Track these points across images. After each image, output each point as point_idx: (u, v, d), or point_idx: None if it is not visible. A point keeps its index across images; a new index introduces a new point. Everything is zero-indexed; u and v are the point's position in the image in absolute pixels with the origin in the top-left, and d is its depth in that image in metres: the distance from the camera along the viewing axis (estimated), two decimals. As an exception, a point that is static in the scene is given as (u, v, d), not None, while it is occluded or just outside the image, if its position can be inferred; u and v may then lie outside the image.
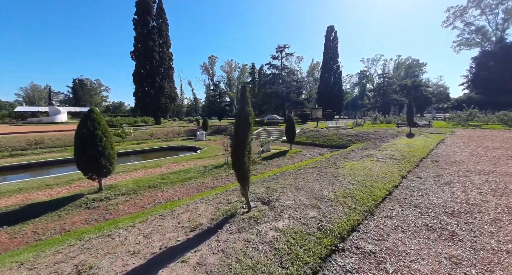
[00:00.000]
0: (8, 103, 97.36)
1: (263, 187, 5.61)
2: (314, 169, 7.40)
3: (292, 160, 13.52)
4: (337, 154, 11.58)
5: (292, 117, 16.51)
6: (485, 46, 52.63)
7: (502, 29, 50.23)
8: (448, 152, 10.64)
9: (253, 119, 3.89)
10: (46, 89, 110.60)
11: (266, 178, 7.05)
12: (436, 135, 16.52)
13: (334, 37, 61.97)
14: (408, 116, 17.12)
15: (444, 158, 9.28)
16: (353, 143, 17.78)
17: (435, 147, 12.07)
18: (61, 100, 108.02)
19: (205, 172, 10.53)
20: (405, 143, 11.83)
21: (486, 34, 51.97)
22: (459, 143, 13.33)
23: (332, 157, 10.36)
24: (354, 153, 10.50)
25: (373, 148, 11.92)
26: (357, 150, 12.35)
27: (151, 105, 36.22)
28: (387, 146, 11.19)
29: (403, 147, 10.60)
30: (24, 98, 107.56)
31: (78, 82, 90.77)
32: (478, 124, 24.48)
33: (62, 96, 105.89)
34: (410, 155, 8.96)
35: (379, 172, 6.35)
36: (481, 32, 52.17)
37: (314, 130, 22.90)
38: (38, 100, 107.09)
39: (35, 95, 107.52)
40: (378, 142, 15.07)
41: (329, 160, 9.37)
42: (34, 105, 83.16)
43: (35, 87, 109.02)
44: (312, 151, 16.96)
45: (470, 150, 11.12)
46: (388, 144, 12.40)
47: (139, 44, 35.02)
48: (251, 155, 4.01)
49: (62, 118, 48.34)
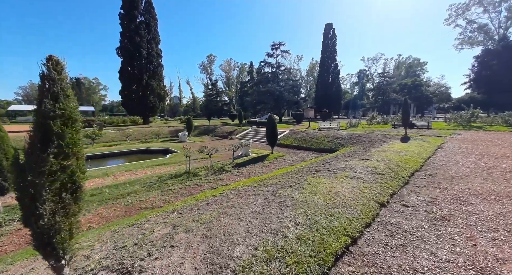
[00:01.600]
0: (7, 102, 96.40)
1: (162, 224, 3.74)
2: (269, 188, 5.53)
3: (268, 167, 11.66)
4: (316, 162, 9.70)
5: (273, 118, 14.62)
6: (487, 44, 50.57)
7: (505, 27, 48.30)
8: (448, 161, 8.71)
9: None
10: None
11: (198, 201, 5.18)
12: (435, 138, 14.57)
13: (332, 35, 59.88)
14: (403, 116, 15.15)
15: (443, 170, 7.36)
16: (342, 146, 15.87)
17: (433, 154, 10.14)
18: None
19: (155, 184, 8.70)
20: (396, 149, 9.92)
21: (488, 33, 49.99)
22: (461, 149, 11.39)
23: (306, 166, 8.47)
24: (334, 162, 8.61)
25: (359, 154, 10.01)
26: (341, 156, 10.45)
27: (138, 104, 34.43)
28: (375, 153, 9.29)
29: (393, 155, 8.70)
30: (23, 97, 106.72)
31: (75, 80, 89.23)
32: (481, 125, 22.47)
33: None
34: (399, 167, 7.06)
35: (349, 197, 4.47)
36: (484, 30, 50.14)
37: (303, 132, 20.99)
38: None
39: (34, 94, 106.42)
40: (368, 146, 13.14)
41: (300, 171, 7.49)
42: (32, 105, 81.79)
43: (34, 86, 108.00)
44: (296, 156, 15.08)
45: (474, 158, 9.18)
46: (377, 150, 10.49)
47: (125, 40, 33.21)
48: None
49: (52, 117, 46.65)
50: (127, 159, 15.45)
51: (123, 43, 33.57)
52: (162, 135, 25.62)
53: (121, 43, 33.65)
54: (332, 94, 60.46)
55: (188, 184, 8.77)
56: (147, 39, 35.08)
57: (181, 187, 8.46)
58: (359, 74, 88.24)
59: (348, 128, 23.54)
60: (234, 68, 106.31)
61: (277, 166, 11.94)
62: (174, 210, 4.67)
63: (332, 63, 60.86)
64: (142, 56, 34.06)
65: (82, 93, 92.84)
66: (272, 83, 42.99)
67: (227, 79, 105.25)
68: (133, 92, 34.25)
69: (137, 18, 34.21)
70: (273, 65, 46.03)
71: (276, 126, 14.84)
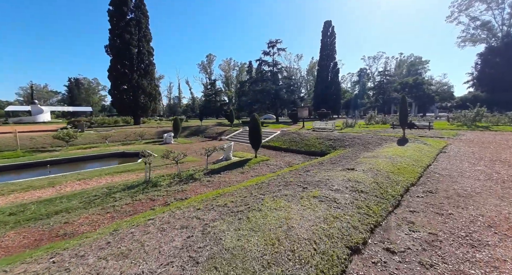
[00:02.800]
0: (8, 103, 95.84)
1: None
2: (209, 215, 4.03)
3: (245, 175, 10.14)
4: (295, 170, 8.13)
5: (256, 118, 13.09)
6: (491, 42, 48.82)
7: (508, 24, 46.66)
8: (452, 170, 7.13)
9: None
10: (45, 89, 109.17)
11: (100, 235, 3.67)
12: (437, 140, 12.96)
13: (331, 33, 58.09)
14: (401, 116, 13.53)
15: (446, 183, 5.80)
16: (333, 149, 14.30)
17: (434, 160, 8.55)
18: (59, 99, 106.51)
19: (99, 198, 7.21)
20: (390, 155, 8.34)
21: (492, 30, 48.29)
22: (467, 153, 9.78)
23: (280, 176, 6.91)
24: (313, 171, 7.05)
25: (347, 160, 8.45)
26: (326, 162, 8.88)
27: (128, 104, 33.02)
28: (364, 160, 7.73)
29: (385, 162, 7.13)
30: (24, 97, 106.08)
31: (74, 81, 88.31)
32: (487, 125, 20.75)
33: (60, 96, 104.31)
34: (390, 180, 5.50)
35: (304, 239, 2.94)
36: (487, 27, 48.44)
37: (294, 133, 19.43)
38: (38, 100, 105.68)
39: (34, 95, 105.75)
40: (361, 149, 11.56)
41: (268, 184, 5.96)
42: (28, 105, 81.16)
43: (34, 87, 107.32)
44: (283, 160, 13.54)
45: (484, 166, 7.59)
46: (368, 155, 8.92)
47: (114, 37, 31.81)
48: None
49: (45, 118, 45.69)
50: (98, 163, 14.02)
51: (112, 40, 32.19)
52: (148, 136, 24.20)
53: (110, 41, 32.27)
54: (331, 93, 58.72)
55: (140, 197, 7.28)
56: (138, 37, 33.67)
57: (129, 202, 6.96)
58: (359, 73, 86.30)
59: (344, 129, 21.95)
60: (233, 68, 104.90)
61: (256, 173, 10.43)
62: (53, 254, 3.17)
63: (331, 61, 59.08)
64: (132, 55, 32.67)
65: (81, 94, 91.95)
66: (268, 82, 41.37)
67: (227, 79, 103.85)
68: (123, 92, 32.86)
69: (127, 15, 32.81)
70: (270, 64, 44.44)
71: (260, 127, 13.32)
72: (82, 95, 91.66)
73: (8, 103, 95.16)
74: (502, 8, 46.15)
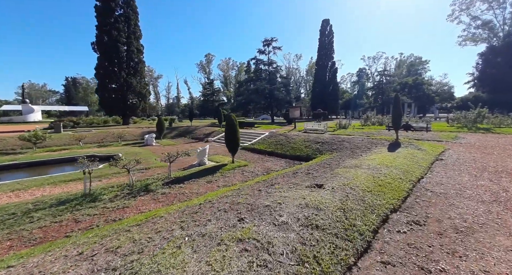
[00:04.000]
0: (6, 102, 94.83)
1: None
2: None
3: (213, 184, 8.74)
4: (261, 182, 6.69)
5: (232, 118, 11.66)
6: (492, 41, 47.43)
7: (510, 24, 45.38)
8: (449, 186, 5.69)
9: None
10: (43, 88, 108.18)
11: None
12: (433, 144, 11.48)
13: (329, 32, 56.54)
14: (394, 117, 12.03)
15: (439, 207, 4.37)
16: (319, 153, 12.86)
17: (427, 170, 7.10)
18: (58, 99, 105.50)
19: (14, 218, 5.81)
20: (376, 164, 6.90)
21: (493, 29, 46.93)
22: (468, 161, 8.32)
23: (231, 194, 5.49)
24: (276, 186, 5.62)
25: (323, 171, 7.00)
26: (302, 172, 7.45)
27: (116, 104, 31.66)
28: (342, 171, 6.29)
29: (365, 175, 5.69)
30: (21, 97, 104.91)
31: (71, 80, 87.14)
32: (488, 127, 19.23)
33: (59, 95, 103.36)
34: (365, 204, 4.06)
35: None
36: (488, 26, 47.09)
37: (282, 135, 17.99)
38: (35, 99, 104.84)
39: (33, 94, 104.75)
40: (346, 155, 10.11)
41: (204, 210, 4.55)
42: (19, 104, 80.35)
43: (33, 86, 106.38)
44: (263, 165, 12.12)
45: (488, 179, 6.15)
46: (350, 163, 7.46)
47: (102, 34, 30.45)
48: None
49: (35, 117, 44.49)
50: (60, 168, 12.64)
51: (99, 37, 30.82)
52: (131, 137, 22.81)
53: (97, 37, 30.89)
54: (329, 93, 57.20)
55: (64, 217, 5.87)
56: (127, 34, 32.31)
57: (46, 224, 5.56)
58: (358, 73, 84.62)
59: (337, 130, 20.47)
60: (232, 68, 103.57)
61: (225, 182, 9.02)
62: None
63: (329, 61, 57.57)
64: (120, 52, 31.30)
65: (79, 93, 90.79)
66: (262, 82, 39.88)
67: (225, 79, 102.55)
68: (111, 91, 31.49)
69: (115, 11, 31.43)
70: (265, 63, 42.93)
71: (237, 129, 11.88)
72: (79, 94, 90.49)
73: (6, 102, 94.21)
74: (504, 7, 44.90)
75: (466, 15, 49.78)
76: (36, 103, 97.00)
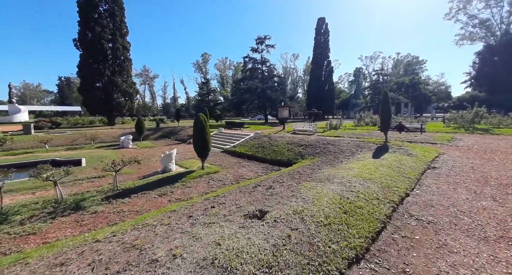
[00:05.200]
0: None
1: None
2: None
3: (164, 198, 7.34)
4: (207, 199, 5.33)
5: (200, 119, 10.25)
6: (489, 40, 46.45)
7: (507, 22, 44.42)
8: (440, 208, 4.29)
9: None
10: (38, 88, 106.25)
11: None
12: (427, 148, 10.09)
13: (325, 30, 55.05)
14: (382, 117, 10.60)
15: (424, 253, 2.97)
16: (301, 157, 11.47)
17: (415, 183, 5.71)
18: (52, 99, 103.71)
19: None
20: (352, 175, 5.51)
21: (490, 28, 45.95)
22: (465, 169, 6.94)
23: (166, 218, 4.11)
24: (212, 211, 4.24)
25: (288, 184, 5.61)
26: (259, 188, 6.06)
27: (101, 103, 30.14)
28: (306, 187, 4.89)
29: (332, 194, 4.30)
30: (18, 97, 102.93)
31: (64, 80, 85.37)
32: (487, 128, 17.90)
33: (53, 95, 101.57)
34: (313, 253, 2.66)
35: None
36: (485, 25, 46.09)
37: (266, 136, 16.58)
38: (30, 99, 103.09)
39: (27, 94, 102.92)
40: (325, 162, 8.72)
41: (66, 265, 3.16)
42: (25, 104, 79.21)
43: (27, 86, 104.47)
44: (236, 172, 10.73)
45: (491, 196, 4.76)
46: (324, 174, 6.06)
47: (84, 30, 28.93)
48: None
49: (22, 117, 42.89)
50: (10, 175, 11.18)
51: (82, 34, 29.30)
52: (110, 139, 21.32)
53: (80, 34, 29.38)
54: (325, 93, 55.76)
55: None
56: (112, 30, 30.79)
57: None
58: (355, 72, 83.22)
59: (327, 131, 19.09)
60: (229, 67, 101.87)
61: (183, 195, 7.62)
62: None
63: (325, 60, 56.08)
64: (104, 49, 29.78)
65: (73, 93, 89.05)
66: (254, 80, 38.44)
67: (222, 79, 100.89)
68: (95, 90, 29.96)
69: (99, 6, 29.91)
70: (258, 61, 41.47)
71: (206, 130, 10.49)
72: (73, 94, 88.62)
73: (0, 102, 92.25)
74: (501, 6, 43.91)
75: (464, 14, 48.62)
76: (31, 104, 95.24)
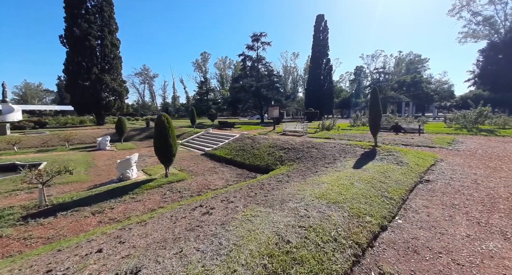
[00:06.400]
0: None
1: None
2: None
3: (100, 217, 6.06)
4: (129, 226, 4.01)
5: (162, 120, 8.91)
6: (493, 38, 44.64)
7: (511, 19, 42.37)
8: (429, 253, 2.87)
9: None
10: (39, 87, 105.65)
11: None
12: (422, 153, 8.62)
13: (324, 28, 53.36)
14: (371, 117, 9.13)
15: None
16: (280, 163, 10.09)
17: (399, 206, 4.30)
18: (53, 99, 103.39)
19: None
20: (317, 195, 4.11)
21: (494, 25, 44.14)
22: (466, 184, 5.48)
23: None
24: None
25: (232, 206, 4.24)
26: (197, 211, 4.72)
27: (88, 102, 28.93)
28: (245, 218, 3.52)
29: (270, 232, 2.93)
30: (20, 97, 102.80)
31: (64, 79, 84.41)
32: (491, 128, 16.31)
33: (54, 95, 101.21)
34: None
35: None
36: (489, 23, 44.34)
37: (249, 138, 15.18)
38: (31, 99, 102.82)
39: (28, 94, 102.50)
40: (300, 171, 7.32)
41: None
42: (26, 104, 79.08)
43: (28, 86, 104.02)
44: (206, 180, 9.37)
45: (501, 232, 3.31)
46: (280, 194, 4.67)
47: (71, 26, 27.73)
48: None
49: (15, 117, 41.98)
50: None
51: (68, 30, 28.08)
52: (91, 140, 20.09)
53: (66, 30, 28.16)
54: (324, 91, 54.11)
55: None
56: (100, 27, 29.55)
57: None
58: (355, 71, 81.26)
59: (318, 132, 17.63)
60: (229, 66, 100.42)
61: (124, 213, 6.31)
62: None
63: (324, 58, 54.38)
64: (91, 46, 28.54)
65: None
66: (248, 79, 36.98)
67: (222, 78, 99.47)
68: (82, 89, 28.75)
69: (86, 2, 28.67)
70: (253, 59, 39.97)
71: (169, 133, 9.13)
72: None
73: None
74: (505, 2, 42.25)
75: (467, 11, 46.76)
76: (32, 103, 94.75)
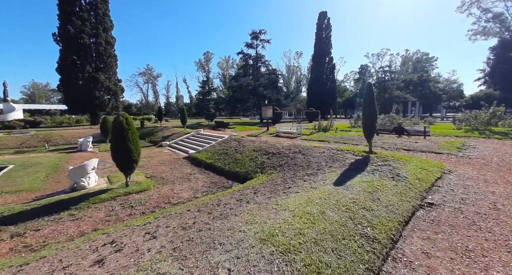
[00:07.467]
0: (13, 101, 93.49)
1: None
2: None
3: (22, 240, 4.80)
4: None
5: (120, 120, 7.64)
6: (504, 35, 42.36)
7: (522, 17, 40.09)
8: None
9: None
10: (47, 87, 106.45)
11: None
12: (426, 162, 7.09)
13: (327, 25, 51.52)
14: (365, 119, 7.62)
15: None
16: (261, 170, 8.69)
17: (387, 253, 2.88)
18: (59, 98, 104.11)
19: None
20: (275, 227, 2.75)
21: (504, 22, 41.90)
22: (484, 210, 3.94)
23: None
24: None
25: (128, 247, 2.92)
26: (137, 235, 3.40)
27: (82, 101, 28.08)
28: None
29: None
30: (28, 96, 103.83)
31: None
32: (505, 131, 14.56)
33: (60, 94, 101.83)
34: None
35: None
36: (499, 19, 42.07)
37: (236, 140, 13.82)
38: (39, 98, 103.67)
39: (36, 93, 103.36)
40: (274, 185, 5.93)
41: None
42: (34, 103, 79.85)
43: (36, 85, 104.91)
44: (174, 189, 8.07)
45: None
46: (220, 228, 3.34)
47: (64, 23, 26.89)
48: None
49: (16, 116, 41.75)
50: None
51: (61, 28, 27.24)
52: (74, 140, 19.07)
53: (59, 28, 27.32)
54: (327, 91, 52.24)
55: None
56: (94, 24, 28.63)
57: None
58: (360, 70, 78.89)
59: (313, 134, 16.14)
60: (232, 66, 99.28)
61: (47, 238, 5.04)
62: None
63: (327, 56, 52.50)
64: (85, 44, 27.63)
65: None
66: (246, 78, 35.60)
67: (224, 77, 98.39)
68: (76, 87, 27.88)
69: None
70: (252, 57, 38.56)
71: (128, 136, 7.80)
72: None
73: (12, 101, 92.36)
74: (515, -1, 39.64)
75: (477, 8, 44.45)
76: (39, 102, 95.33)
